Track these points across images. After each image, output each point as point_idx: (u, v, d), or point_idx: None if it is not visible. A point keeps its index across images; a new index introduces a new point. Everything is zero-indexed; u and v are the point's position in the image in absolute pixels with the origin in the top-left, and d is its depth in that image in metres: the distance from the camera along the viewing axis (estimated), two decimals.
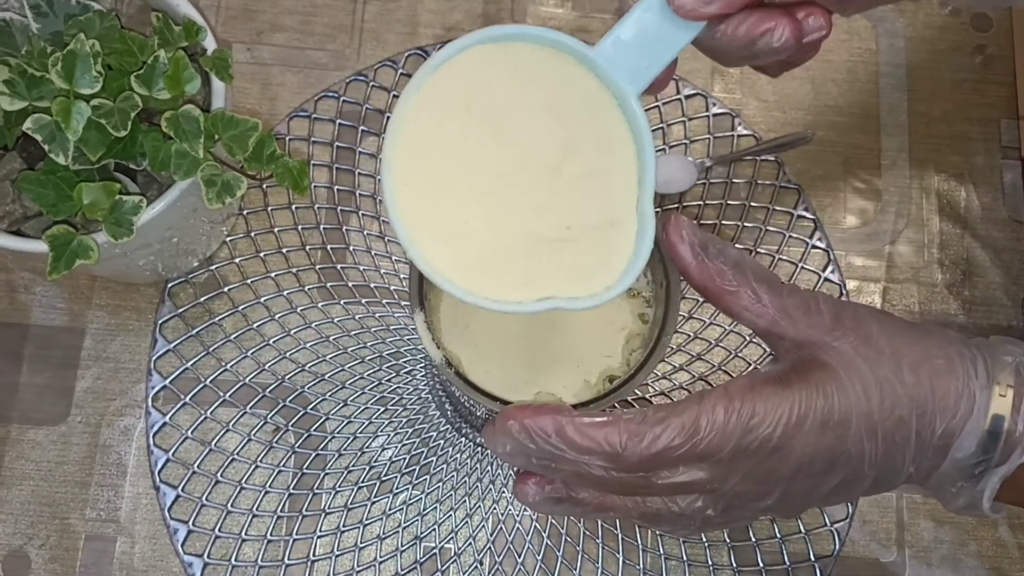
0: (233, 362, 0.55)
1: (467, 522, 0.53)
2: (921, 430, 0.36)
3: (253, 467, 0.54)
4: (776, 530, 0.54)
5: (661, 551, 0.53)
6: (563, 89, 0.35)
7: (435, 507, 0.54)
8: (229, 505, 0.53)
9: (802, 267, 0.59)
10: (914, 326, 0.38)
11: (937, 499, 0.39)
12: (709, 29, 0.35)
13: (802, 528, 0.54)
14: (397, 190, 0.34)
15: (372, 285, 0.57)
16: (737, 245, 0.59)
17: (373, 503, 0.54)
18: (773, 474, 0.36)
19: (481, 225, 0.35)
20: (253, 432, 0.54)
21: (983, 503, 0.37)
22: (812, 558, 0.54)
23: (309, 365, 0.55)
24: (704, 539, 0.54)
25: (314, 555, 0.53)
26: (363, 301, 0.57)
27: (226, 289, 0.56)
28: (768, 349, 0.40)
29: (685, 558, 0.53)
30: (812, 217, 0.60)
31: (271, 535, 0.53)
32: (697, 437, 0.35)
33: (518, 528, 0.54)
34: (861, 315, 0.37)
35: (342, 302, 0.57)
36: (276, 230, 0.58)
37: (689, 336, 0.57)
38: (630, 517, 0.38)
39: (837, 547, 0.54)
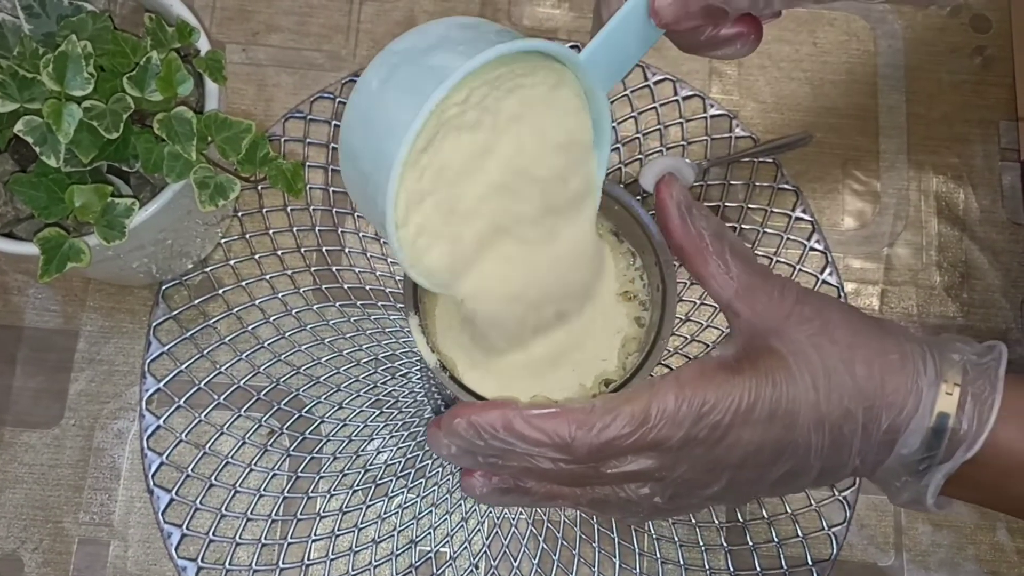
0: (227, 365, 0.55)
1: (463, 526, 0.53)
2: (868, 424, 0.36)
3: (247, 470, 0.53)
4: (774, 534, 0.54)
5: (657, 555, 0.53)
6: (549, 105, 0.36)
7: (431, 510, 0.53)
8: (223, 509, 0.53)
9: (800, 269, 0.58)
10: (876, 323, 0.38)
11: (883, 492, 0.39)
12: (691, 31, 0.36)
13: (800, 532, 0.54)
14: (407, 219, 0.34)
15: (368, 287, 0.57)
16: None
17: (368, 506, 0.53)
18: (721, 462, 0.36)
19: (482, 253, 0.37)
20: (247, 435, 0.54)
21: (927, 499, 0.37)
22: (810, 562, 0.54)
23: (304, 368, 0.55)
24: (701, 543, 0.54)
25: (309, 559, 0.52)
26: (358, 303, 0.57)
27: (220, 291, 0.56)
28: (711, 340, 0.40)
29: (682, 562, 0.53)
30: (810, 219, 0.59)
31: (265, 539, 0.52)
32: (647, 426, 0.35)
33: (514, 532, 0.53)
34: (824, 306, 0.37)
35: (337, 304, 0.56)
36: (271, 232, 0.57)
37: (686, 339, 0.57)
38: (579, 505, 0.38)
39: (835, 551, 0.54)
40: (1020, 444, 0.35)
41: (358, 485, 0.54)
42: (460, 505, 0.53)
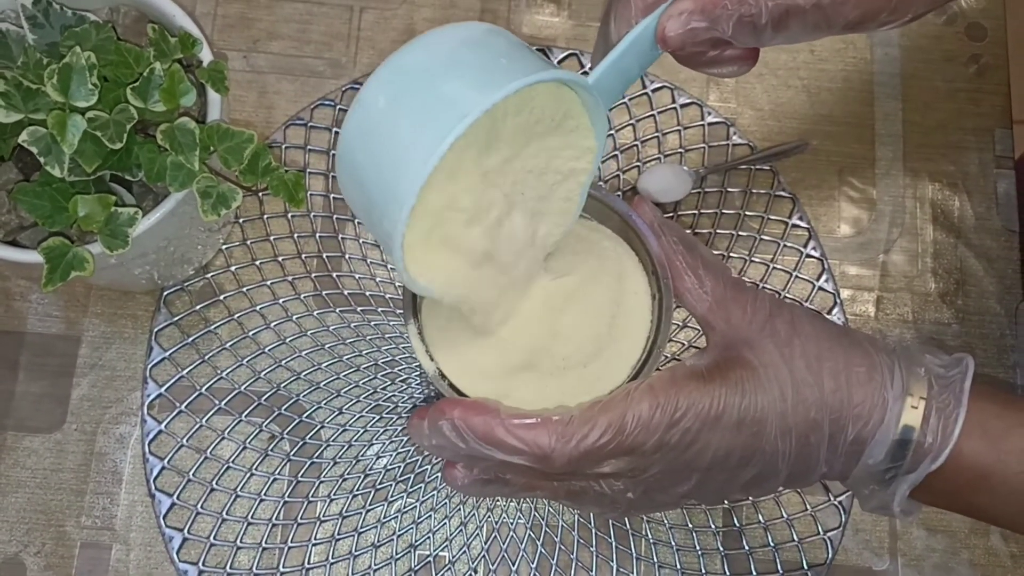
0: (228, 370, 0.55)
1: (462, 530, 0.54)
2: (834, 434, 0.37)
3: (248, 475, 0.54)
4: (770, 539, 0.54)
5: (655, 560, 0.54)
6: (553, 124, 0.37)
7: (430, 515, 0.54)
8: (224, 513, 0.53)
9: (796, 276, 0.59)
10: (847, 335, 0.39)
11: (856, 497, 0.40)
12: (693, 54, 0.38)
13: (795, 537, 0.54)
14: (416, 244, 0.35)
15: (368, 293, 0.57)
16: (731, 254, 0.59)
17: (368, 511, 0.54)
18: (691, 464, 0.37)
19: (482, 268, 0.38)
20: (248, 440, 0.54)
21: (893, 506, 0.38)
22: (805, 567, 0.54)
23: (304, 373, 0.56)
24: (698, 547, 0.54)
25: (309, 563, 0.53)
26: (358, 309, 0.57)
27: (222, 297, 0.56)
28: (685, 343, 0.41)
29: (679, 566, 0.54)
30: (807, 226, 0.60)
31: (266, 543, 0.53)
32: (623, 435, 0.36)
33: (512, 536, 0.54)
34: (796, 318, 0.38)
35: (338, 310, 0.57)
36: (272, 238, 0.58)
37: (683, 345, 0.57)
38: (557, 497, 0.40)
39: (830, 556, 0.54)
40: (982, 457, 0.36)
41: (358, 490, 0.54)
42: (459, 510, 0.54)
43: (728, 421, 0.36)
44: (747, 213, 0.60)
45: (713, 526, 0.55)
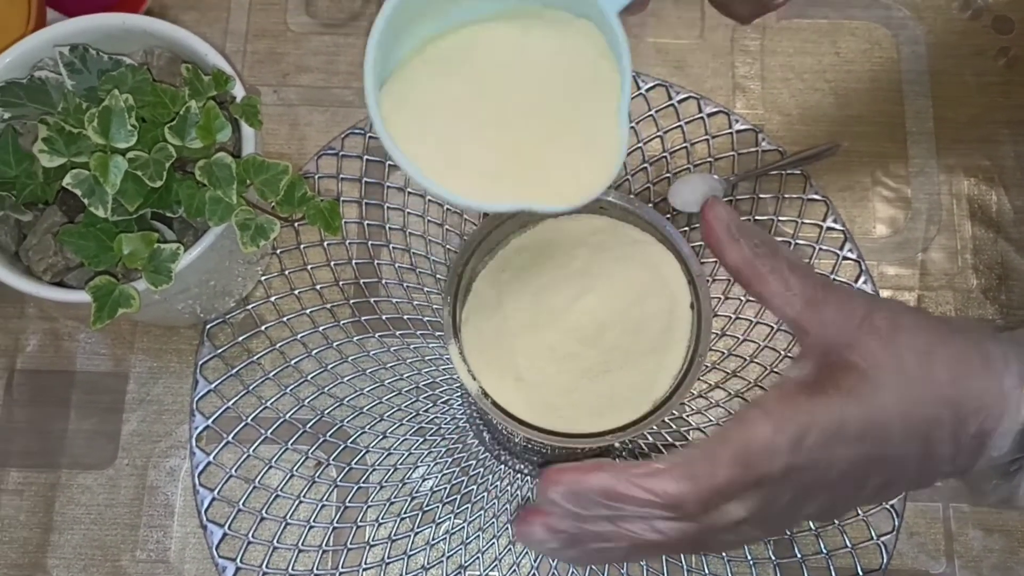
0: (273, 399, 0.56)
1: (510, 549, 0.54)
2: (956, 429, 0.35)
3: (297, 503, 0.54)
4: (822, 545, 0.54)
5: (706, 571, 0.53)
6: (553, 25, 0.37)
7: (478, 535, 0.54)
8: (275, 541, 0.54)
9: (834, 279, 0.58)
10: (948, 323, 0.37)
11: (972, 493, 0.38)
12: None
13: (848, 543, 0.54)
14: (392, 114, 0.36)
15: (406, 317, 0.58)
16: None
17: (416, 533, 0.54)
18: (818, 483, 0.35)
19: (472, 147, 0.37)
20: (295, 468, 0.55)
21: (1019, 498, 0.36)
22: (860, 572, 0.53)
23: (347, 399, 0.56)
24: (749, 557, 0.53)
25: None
26: (397, 333, 0.57)
27: (263, 328, 0.57)
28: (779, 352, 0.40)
29: None
30: (842, 228, 0.59)
31: (317, 569, 0.53)
32: (750, 464, 0.33)
33: None
34: (894, 312, 0.36)
35: (377, 335, 0.57)
36: (309, 267, 0.59)
37: (723, 354, 0.57)
38: (676, 552, 0.36)
39: (885, 560, 0.54)
40: None
41: (405, 513, 0.54)
42: (507, 529, 0.54)
43: (850, 432, 0.34)
44: (780, 218, 0.60)
45: None
